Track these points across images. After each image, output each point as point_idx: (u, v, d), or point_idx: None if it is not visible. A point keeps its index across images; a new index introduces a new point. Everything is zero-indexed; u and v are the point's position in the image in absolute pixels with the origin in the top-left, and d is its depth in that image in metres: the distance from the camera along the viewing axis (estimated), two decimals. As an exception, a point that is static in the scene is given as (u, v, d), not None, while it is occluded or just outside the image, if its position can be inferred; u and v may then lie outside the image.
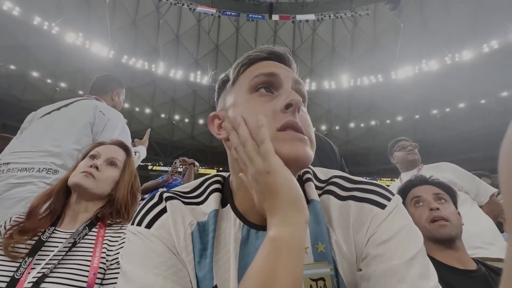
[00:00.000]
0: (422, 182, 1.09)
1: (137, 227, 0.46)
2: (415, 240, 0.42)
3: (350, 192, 0.48)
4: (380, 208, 0.45)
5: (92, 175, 0.90)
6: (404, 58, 19.95)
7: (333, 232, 0.45)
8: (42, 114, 1.50)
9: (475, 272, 0.88)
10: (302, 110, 0.47)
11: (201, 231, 0.46)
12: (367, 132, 24.71)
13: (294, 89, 0.47)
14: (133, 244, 0.44)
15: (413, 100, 21.80)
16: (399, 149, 2.08)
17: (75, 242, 0.80)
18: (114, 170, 0.96)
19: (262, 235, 0.44)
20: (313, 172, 0.54)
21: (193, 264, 0.43)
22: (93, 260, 0.77)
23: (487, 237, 1.51)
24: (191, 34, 23.24)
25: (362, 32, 21.97)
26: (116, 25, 20.24)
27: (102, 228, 0.86)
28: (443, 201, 1.02)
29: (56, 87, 19.44)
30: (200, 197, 0.51)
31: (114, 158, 0.97)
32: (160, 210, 0.47)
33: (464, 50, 17.47)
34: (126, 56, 19.96)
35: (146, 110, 23.91)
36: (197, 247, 0.44)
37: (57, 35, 17.09)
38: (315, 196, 0.47)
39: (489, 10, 17.20)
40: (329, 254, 0.42)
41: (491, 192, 1.75)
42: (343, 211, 0.46)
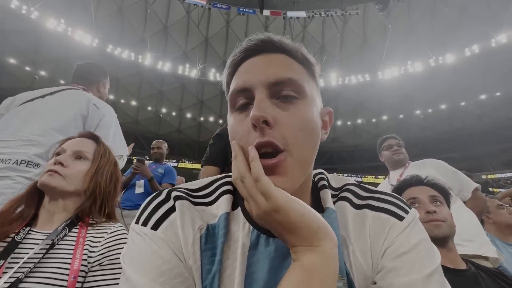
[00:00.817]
0: (418, 183, 1.09)
1: (142, 227, 0.41)
2: (432, 256, 0.40)
3: (366, 200, 0.46)
4: (398, 220, 0.43)
5: (58, 172, 0.83)
6: (390, 59, 20.43)
7: (350, 242, 0.43)
8: (22, 101, 1.33)
9: (465, 271, 0.90)
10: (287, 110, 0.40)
11: (211, 234, 0.43)
12: (353, 130, 25.23)
13: (273, 92, 0.41)
14: (137, 246, 0.40)
15: (398, 100, 22.43)
16: (386, 148, 2.09)
17: (53, 244, 0.73)
18: (84, 163, 0.89)
19: (273, 243, 0.41)
20: (327, 178, 0.51)
21: (200, 271, 0.40)
22: (73, 263, 0.71)
23: (466, 234, 1.52)
24: (180, 26, 22.69)
25: (351, 31, 22.26)
26: (101, 12, 19.42)
27: (83, 228, 0.79)
28: (439, 203, 1.03)
29: (36, 75, 18.51)
30: (209, 197, 0.47)
31: (81, 151, 0.89)
32: (167, 209, 0.43)
33: (447, 54, 18.10)
34: (111, 45, 19.23)
35: (132, 102, 23.25)
36: (206, 253, 0.41)
37: (36, 20, 16.19)
38: (330, 204, 0.44)
39: (471, 16, 17.87)
40: (342, 267, 0.39)
41: (473, 187, 1.73)
42: (359, 220, 0.44)
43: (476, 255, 1.48)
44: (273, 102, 0.41)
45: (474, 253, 1.48)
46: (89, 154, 0.91)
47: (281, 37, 0.45)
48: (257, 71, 0.42)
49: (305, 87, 0.42)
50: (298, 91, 0.42)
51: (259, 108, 0.38)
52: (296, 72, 0.43)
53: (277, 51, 0.44)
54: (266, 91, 0.41)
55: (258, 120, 0.38)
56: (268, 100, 0.40)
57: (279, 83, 0.41)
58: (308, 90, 0.43)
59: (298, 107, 0.41)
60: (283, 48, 0.44)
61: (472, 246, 1.49)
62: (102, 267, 0.74)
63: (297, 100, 0.41)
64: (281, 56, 0.44)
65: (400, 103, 22.51)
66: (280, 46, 0.44)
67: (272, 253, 0.41)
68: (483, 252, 1.48)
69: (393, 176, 1.99)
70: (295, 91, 0.41)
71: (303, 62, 0.45)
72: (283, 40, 0.44)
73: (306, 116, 0.41)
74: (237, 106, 0.43)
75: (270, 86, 0.41)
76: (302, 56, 0.45)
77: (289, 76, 0.41)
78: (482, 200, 1.76)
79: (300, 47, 0.46)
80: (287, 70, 0.42)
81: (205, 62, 23.37)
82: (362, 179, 21.32)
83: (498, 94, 18.47)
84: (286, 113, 0.40)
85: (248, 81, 0.41)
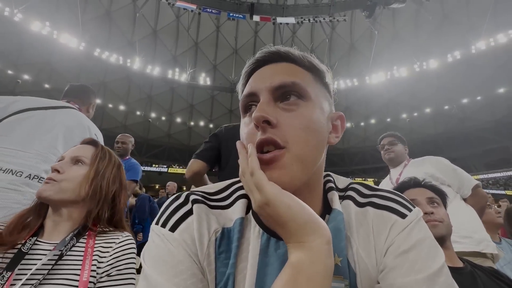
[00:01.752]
0: (416, 185, 1.12)
1: (161, 228, 0.43)
2: (435, 256, 0.40)
3: (369, 198, 0.46)
4: (401, 217, 0.43)
5: (53, 179, 0.80)
6: (377, 64, 20.98)
7: (354, 241, 0.43)
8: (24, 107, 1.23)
9: (462, 269, 0.93)
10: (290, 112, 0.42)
11: (226, 238, 0.44)
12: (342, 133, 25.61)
13: (277, 96, 0.43)
14: (156, 246, 0.42)
15: (385, 104, 23.01)
16: (380, 148, 2.11)
17: (61, 255, 0.71)
18: (81, 168, 0.85)
19: (283, 245, 0.42)
20: (334, 180, 0.51)
21: (214, 274, 0.42)
22: (82, 274, 0.70)
23: (464, 231, 1.50)
24: (170, 30, 22.58)
25: (339, 37, 22.77)
26: (88, 15, 19.09)
27: (91, 238, 0.77)
28: (436, 204, 1.06)
29: (18, 79, 17.91)
30: (226, 200, 0.48)
31: (78, 156, 0.86)
32: (185, 212, 0.45)
33: (431, 59, 18.75)
34: (98, 49, 18.87)
35: (120, 106, 22.82)
36: (220, 256, 0.42)
37: (20, 22, 15.72)
38: (337, 206, 0.45)
39: (453, 24, 18.67)
40: (345, 268, 0.40)
41: (473, 184, 1.70)
42: (362, 218, 0.44)
43: (475, 251, 1.46)
44: (277, 105, 0.43)
45: (473, 250, 1.46)
46: (86, 158, 0.87)
47: (288, 48, 0.48)
48: (264, 78, 0.45)
49: (308, 91, 0.44)
50: (301, 94, 0.43)
51: (261, 109, 0.41)
52: (300, 77, 0.45)
53: (283, 61, 0.47)
54: (270, 95, 0.43)
55: (259, 119, 0.40)
56: (272, 102, 0.43)
57: (283, 86, 0.43)
58: (312, 94, 0.45)
59: (301, 109, 0.43)
60: (289, 58, 0.47)
61: (470, 243, 1.47)
62: (110, 277, 0.73)
63: (300, 102, 0.43)
64: (287, 65, 0.46)
65: (387, 107, 23.09)
66: (286, 56, 0.47)
67: (282, 256, 0.41)
68: (482, 249, 1.47)
69: (394, 174, 1.99)
70: (298, 94, 0.43)
71: (310, 69, 0.47)
72: (289, 50, 0.47)
73: (309, 117, 0.42)
74: (245, 110, 0.46)
75: (274, 90, 0.43)
76: (309, 64, 0.48)
77: (292, 80, 0.43)
78: (483, 197, 1.72)
79: (307, 55, 0.49)
80: (290, 75, 0.44)
81: (195, 67, 23.29)
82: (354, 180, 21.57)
83: (479, 98, 19.25)
84: (289, 114, 0.42)
85: (255, 86, 0.45)
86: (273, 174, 0.39)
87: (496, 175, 19.12)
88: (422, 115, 21.89)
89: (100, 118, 21.88)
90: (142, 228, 3.86)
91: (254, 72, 0.48)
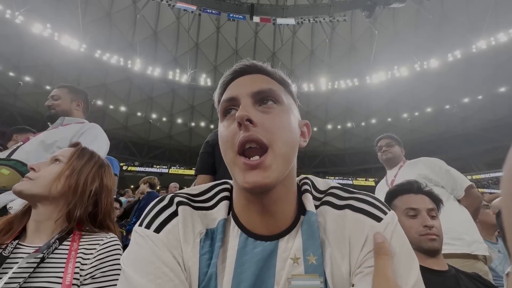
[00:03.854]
0: (418, 191, 1.10)
1: (145, 230, 0.44)
2: (412, 264, 0.42)
3: (347, 201, 0.48)
4: (376, 221, 0.44)
5: (28, 177, 0.81)
6: (377, 64, 20.98)
7: (329, 244, 0.44)
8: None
9: (447, 272, 0.97)
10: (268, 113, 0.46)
11: (209, 239, 0.45)
12: (343, 133, 25.62)
13: (256, 100, 0.47)
14: (140, 247, 0.42)
15: (385, 104, 22.99)
16: (377, 150, 2.12)
17: (43, 258, 0.70)
18: (57, 166, 0.85)
19: (259, 244, 0.44)
20: (312, 182, 0.53)
21: (198, 274, 0.43)
22: (65, 277, 0.69)
23: (455, 232, 1.50)
24: (170, 31, 22.65)
25: (339, 37, 22.77)
26: (89, 17, 19.17)
27: (75, 240, 0.77)
28: (434, 215, 1.06)
29: (20, 80, 18.00)
30: (209, 201, 0.50)
31: (57, 156, 0.87)
32: (170, 214, 0.46)
33: (431, 59, 18.75)
34: (99, 50, 18.95)
35: (121, 108, 22.89)
36: (204, 256, 0.44)
37: (21, 25, 15.82)
38: (311, 208, 0.47)
39: (453, 23, 18.64)
40: (320, 267, 0.41)
41: (466, 185, 1.69)
42: (340, 221, 0.45)
43: (466, 253, 1.45)
44: (256, 108, 0.47)
45: (464, 252, 1.45)
46: (64, 157, 0.88)
47: (262, 63, 0.53)
48: (244, 85, 0.49)
49: (282, 97, 0.49)
50: (277, 99, 0.48)
51: (244, 109, 0.44)
52: (275, 86, 0.50)
53: (259, 73, 0.51)
54: (250, 99, 0.47)
55: (243, 118, 0.42)
56: (251, 105, 0.46)
57: (262, 92, 0.47)
58: (285, 101, 0.50)
59: (277, 112, 0.47)
60: (264, 71, 0.52)
61: (461, 245, 1.47)
62: (94, 279, 0.72)
63: (276, 106, 0.48)
64: (263, 76, 0.51)
65: (388, 106, 23.07)
66: (261, 69, 0.52)
67: (259, 254, 0.43)
68: (473, 250, 1.46)
69: (389, 176, 2.00)
70: (274, 99, 0.48)
71: (281, 82, 0.53)
72: (264, 65, 0.52)
73: (284, 119, 0.47)
74: (224, 114, 0.49)
75: (254, 95, 0.47)
76: (280, 77, 0.53)
77: (269, 87, 0.48)
78: (476, 197, 1.71)
79: (278, 70, 0.54)
80: (268, 84, 0.49)
81: (196, 68, 23.34)
82: (353, 181, 21.58)
83: (480, 97, 19.21)
84: (268, 115, 0.46)
85: (235, 92, 0.48)
86: (258, 177, 0.41)
87: (498, 174, 19.05)
88: (423, 114, 21.86)
89: (101, 119, 21.94)
90: None
91: (231, 82, 0.51)
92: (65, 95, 1.67)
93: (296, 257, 0.42)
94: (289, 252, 0.43)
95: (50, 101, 1.64)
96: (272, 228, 0.46)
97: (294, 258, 0.42)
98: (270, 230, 0.46)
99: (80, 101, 1.72)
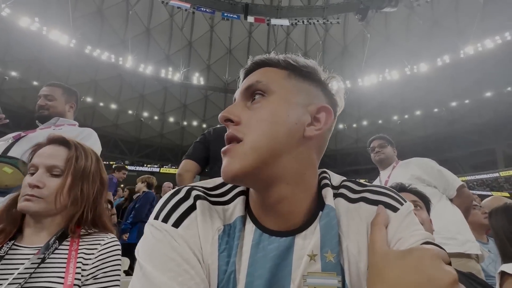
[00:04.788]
0: (402, 190, 1.18)
1: (163, 224, 0.41)
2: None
3: (361, 194, 0.46)
4: (393, 211, 0.43)
5: (36, 196, 0.75)
6: (369, 67, 21.31)
7: (344, 238, 0.43)
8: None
9: None
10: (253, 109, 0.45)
11: (227, 235, 0.44)
12: (335, 135, 25.90)
13: (246, 96, 0.48)
14: (158, 242, 0.40)
15: (376, 106, 23.38)
16: (370, 151, 2.14)
17: (44, 258, 0.69)
18: (59, 179, 0.80)
19: (274, 240, 0.43)
20: (329, 176, 0.51)
21: (217, 272, 0.41)
22: (66, 277, 0.68)
23: (448, 232, 1.53)
24: (163, 29, 22.38)
25: (332, 39, 23.03)
26: (79, 12, 18.75)
27: (74, 240, 0.76)
28: (419, 207, 1.12)
29: (5, 75, 17.42)
30: (225, 196, 0.49)
31: (53, 166, 0.79)
32: (188, 208, 0.43)
33: (421, 63, 19.17)
34: (89, 46, 18.54)
35: (112, 105, 22.46)
36: (223, 254, 0.42)
37: (7, 17, 15.31)
38: (330, 202, 0.44)
39: (442, 29, 19.15)
40: (338, 265, 0.39)
41: (458, 184, 1.73)
42: (355, 214, 0.44)
43: (459, 253, 1.48)
44: (248, 105, 0.47)
45: (457, 251, 1.48)
46: (61, 165, 0.81)
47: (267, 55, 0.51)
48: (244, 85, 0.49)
49: (271, 87, 0.46)
50: (263, 90, 0.46)
51: (226, 110, 0.46)
52: (268, 75, 0.47)
53: (258, 67, 0.50)
54: (241, 96, 0.48)
55: (221, 118, 0.45)
56: (242, 103, 0.47)
57: (249, 87, 0.47)
58: (277, 88, 0.46)
59: (262, 104, 0.45)
60: (263, 63, 0.50)
61: (454, 244, 1.50)
62: (96, 280, 0.72)
63: (262, 99, 0.46)
64: (260, 69, 0.49)
65: (379, 109, 23.46)
66: (261, 63, 0.50)
67: (274, 251, 0.42)
68: (466, 250, 1.50)
69: (383, 176, 2.02)
70: (261, 90, 0.46)
71: (286, 67, 0.49)
72: (265, 57, 0.50)
73: (268, 110, 0.44)
74: None
75: (243, 92, 0.48)
76: (284, 62, 0.49)
77: (256, 79, 0.47)
78: (467, 197, 1.75)
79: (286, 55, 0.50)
80: (258, 76, 0.47)
81: (189, 66, 23.14)
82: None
83: (467, 102, 19.78)
84: (252, 111, 0.45)
85: (236, 94, 0.50)
86: (225, 162, 0.43)
87: (483, 176, 19.64)
88: (413, 117, 22.33)
89: (91, 116, 21.47)
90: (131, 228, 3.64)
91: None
92: (60, 96, 1.60)
93: (313, 254, 0.40)
94: (306, 249, 0.41)
95: (43, 100, 1.55)
96: (287, 225, 0.44)
97: (311, 255, 0.40)
98: (285, 227, 0.44)
99: (73, 103, 1.68)
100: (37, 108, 1.56)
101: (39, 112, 1.55)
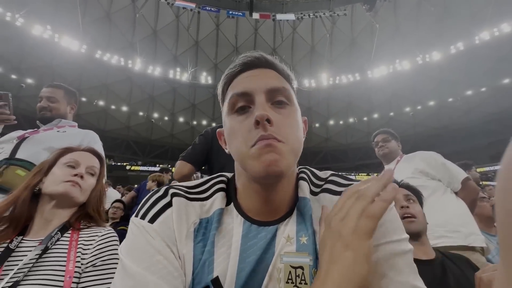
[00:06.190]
0: None
1: (141, 220, 0.46)
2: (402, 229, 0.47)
3: (345, 186, 0.52)
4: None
5: (79, 184, 0.90)
6: (379, 58, 20.79)
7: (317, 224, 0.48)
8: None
9: (434, 261, 1.03)
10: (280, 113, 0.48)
11: (203, 228, 0.48)
12: (345, 129, 25.51)
13: (270, 98, 0.48)
14: (135, 237, 0.45)
15: (387, 98, 22.82)
16: (374, 145, 2.14)
17: (47, 248, 0.77)
18: (93, 179, 0.97)
19: (263, 230, 0.48)
20: (312, 171, 0.57)
21: (192, 260, 0.45)
22: (68, 264, 0.75)
23: (452, 225, 1.52)
24: (170, 30, 22.58)
25: (340, 32, 22.57)
26: (88, 18, 19.16)
27: (75, 232, 0.84)
28: (412, 201, 1.17)
29: (22, 83, 18.07)
30: (204, 193, 0.53)
31: (93, 167, 0.97)
32: (164, 205, 0.48)
33: (433, 51, 18.53)
34: (99, 51, 18.96)
35: (123, 108, 22.95)
36: (198, 244, 0.46)
37: (21, 27, 15.85)
38: (304, 194, 0.50)
39: (455, 14, 18.38)
40: (310, 246, 0.45)
41: (462, 177, 1.71)
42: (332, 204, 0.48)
43: (463, 245, 1.47)
44: (269, 106, 0.48)
45: (461, 244, 1.47)
46: (97, 170, 0.99)
47: (271, 57, 0.54)
48: (257, 80, 0.50)
49: (292, 96, 0.52)
50: (288, 98, 0.50)
51: (262, 108, 0.46)
52: (285, 84, 0.52)
53: (269, 67, 0.53)
54: (265, 96, 0.48)
55: (263, 118, 0.44)
56: (266, 103, 0.48)
57: (276, 90, 0.49)
58: (294, 99, 0.52)
59: (288, 111, 0.49)
60: (273, 66, 0.53)
61: (458, 237, 1.49)
62: (95, 267, 0.78)
63: (287, 106, 0.50)
64: (273, 72, 0.53)
65: (390, 101, 22.90)
66: (272, 64, 0.53)
67: (263, 238, 0.47)
68: (470, 243, 1.48)
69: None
70: (286, 98, 0.50)
71: (287, 78, 0.54)
72: (273, 59, 0.54)
73: (294, 118, 0.50)
74: (236, 108, 0.50)
75: (268, 92, 0.49)
76: (286, 74, 0.54)
77: (283, 85, 0.50)
78: (473, 189, 1.73)
79: (284, 66, 0.55)
80: (280, 81, 0.51)
81: (196, 66, 23.30)
82: (356, 177, 21.37)
83: (484, 90, 19.00)
84: (281, 115, 0.48)
85: (249, 87, 0.49)
86: (272, 156, 0.43)
87: (502, 167, 18.86)
88: (426, 108, 21.68)
89: (104, 119, 22.02)
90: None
91: (239, 74, 0.52)
92: (62, 98, 1.62)
93: (290, 237, 0.47)
94: (285, 233, 0.47)
95: (45, 102, 1.57)
96: (273, 214, 0.49)
97: (287, 238, 0.47)
98: (272, 216, 0.49)
99: (74, 105, 1.71)
100: (39, 109, 1.57)
101: (41, 113, 1.56)
